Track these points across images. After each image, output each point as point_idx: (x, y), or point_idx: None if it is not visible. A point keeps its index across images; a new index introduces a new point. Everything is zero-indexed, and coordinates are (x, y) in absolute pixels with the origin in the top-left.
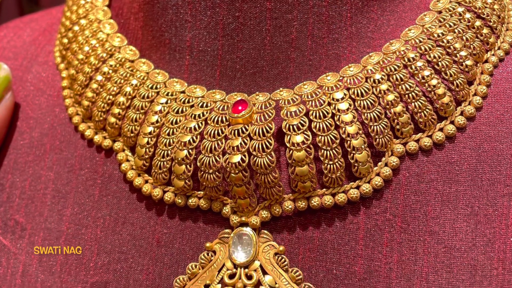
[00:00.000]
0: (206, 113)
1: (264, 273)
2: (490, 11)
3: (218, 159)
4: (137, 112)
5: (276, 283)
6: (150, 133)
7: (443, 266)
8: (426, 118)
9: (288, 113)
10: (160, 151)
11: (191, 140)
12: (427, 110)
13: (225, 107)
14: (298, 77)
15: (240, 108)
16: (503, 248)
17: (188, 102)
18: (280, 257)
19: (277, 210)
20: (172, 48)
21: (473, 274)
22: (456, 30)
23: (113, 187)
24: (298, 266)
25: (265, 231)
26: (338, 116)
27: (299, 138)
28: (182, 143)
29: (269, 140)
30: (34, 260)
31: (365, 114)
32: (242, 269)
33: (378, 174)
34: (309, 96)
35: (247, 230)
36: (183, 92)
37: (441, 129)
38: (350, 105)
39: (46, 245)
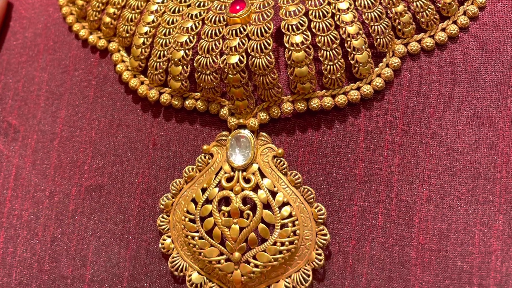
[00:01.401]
0: (203, 12)
1: (263, 176)
2: None
3: (215, 59)
4: (133, 11)
5: (274, 187)
6: (146, 33)
7: (445, 169)
8: (428, 18)
9: (287, 12)
10: (156, 51)
11: (188, 40)
12: (429, 9)
13: (223, 7)
14: None
15: (238, 7)
16: (507, 151)
17: (185, 1)
18: (279, 160)
19: (276, 112)
20: None
21: (476, 177)
22: None
23: (108, 88)
24: (297, 169)
25: (264, 134)
26: (338, 16)
27: (298, 38)
28: (179, 44)
29: (268, 41)
30: (27, 163)
31: (366, 14)
32: (240, 172)
33: (379, 75)
34: None
35: (245, 132)
36: None
37: (443, 29)
38: (350, 4)
39: (40, 148)
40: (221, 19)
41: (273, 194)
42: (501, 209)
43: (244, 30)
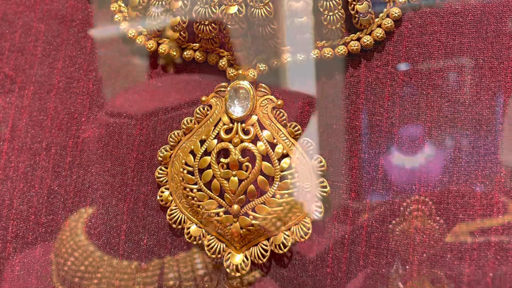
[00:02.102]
0: None
1: (262, 128)
2: None
3: (214, 10)
4: None
5: (274, 138)
6: None
7: (446, 120)
8: None
9: None
10: (155, 1)
11: None
12: None
13: None
14: None
15: None
16: (509, 102)
17: None
18: (278, 112)
19: (275, 62)
20: None
21: (477, 128)
22: None
23: (106, 39)
24: (297, 121)
25: (263, 85)
26: None
27: None
28: None
29: None
30: (24, 114)
31: None
32: (239, 123)
33: (379, 26)
34: None
35: (244, 83)
36: None
37: None
38: None
39: (37, 99)
40: None
41: (273, 146)
42: (502, 161)
43: None
